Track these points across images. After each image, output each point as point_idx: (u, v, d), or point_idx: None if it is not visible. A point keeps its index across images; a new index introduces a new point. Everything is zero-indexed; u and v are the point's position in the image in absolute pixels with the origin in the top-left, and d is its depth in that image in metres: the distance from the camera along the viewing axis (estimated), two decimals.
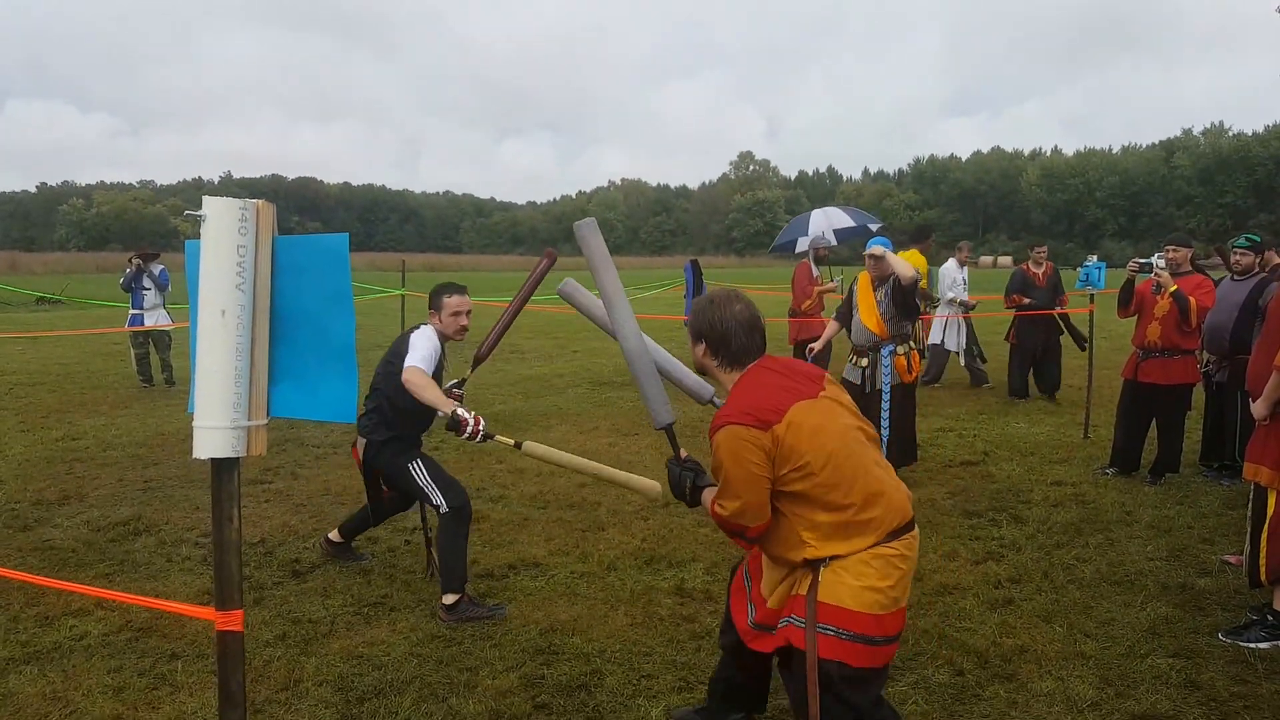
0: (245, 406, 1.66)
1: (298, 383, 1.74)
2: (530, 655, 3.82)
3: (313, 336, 1.71)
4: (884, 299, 6.32)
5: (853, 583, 2.49)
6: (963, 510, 5.85)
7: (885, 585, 2.50)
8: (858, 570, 2.50)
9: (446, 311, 4.37)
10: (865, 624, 2.48)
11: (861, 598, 2.48)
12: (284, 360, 1.74)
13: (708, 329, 2.71)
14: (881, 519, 2.53)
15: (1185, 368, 6.37)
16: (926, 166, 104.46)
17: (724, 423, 2.53)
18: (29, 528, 5.53)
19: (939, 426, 8.57)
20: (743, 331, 2.68)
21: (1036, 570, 4.75)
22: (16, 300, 26.33)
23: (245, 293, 1.63)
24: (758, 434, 2.48)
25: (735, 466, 2.50)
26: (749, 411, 2.51)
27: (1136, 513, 5.76)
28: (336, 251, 1.68)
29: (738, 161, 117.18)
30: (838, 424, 2.59)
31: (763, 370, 2.67)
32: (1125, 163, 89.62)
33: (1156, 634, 3.97)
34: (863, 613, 2.48)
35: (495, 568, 4.85)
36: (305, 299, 1.71)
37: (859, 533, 2.51)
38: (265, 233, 1.66)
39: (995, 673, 3.62)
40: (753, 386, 2.62)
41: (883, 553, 2.51)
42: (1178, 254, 6.45)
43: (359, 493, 6.29)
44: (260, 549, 5.17)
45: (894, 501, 2.57)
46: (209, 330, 1.61)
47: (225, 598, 1.78)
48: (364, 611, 4.30)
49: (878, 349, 6.37)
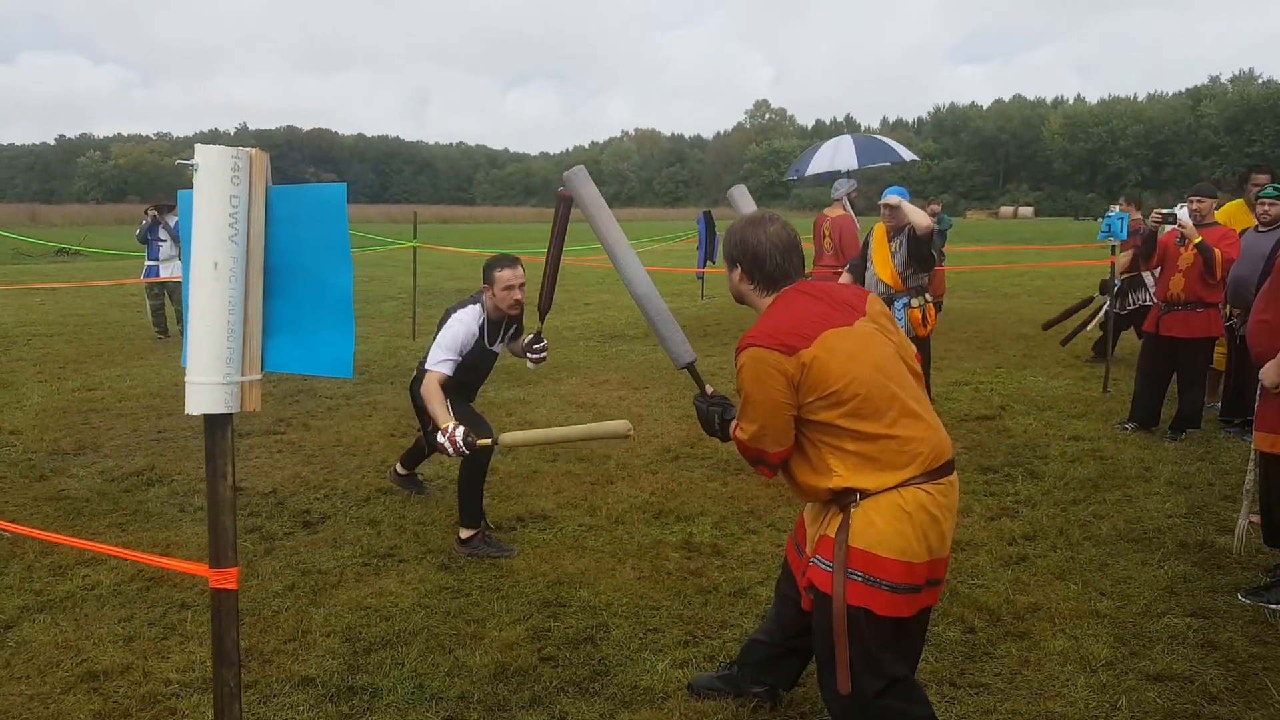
0: (238, 361, 1.61)
1: (293, 336, 1.68)
2: (537, 608, 3.81)
3: (309, 289, 1.65)
4: (899, 250, 6.19)
5: (883, 526, 2.39)
6: (978, 465, 5.79)
7: (917, 532, 2.39)
8: (890, 512, 2.40)
9: (499, 286, 4.37)
10: (894, 571, 2.39)
11: (892, 543, 2.38)
12: (279, 314, 1.68)
13: (742, 252, 2.60)
14: (915, 454, 2.42)
15: (1208, 321, 6.23)
16: (946, 115, 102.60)
17: (749, 344, 2.46)
18: (45, 477, 5.56)
19: (955, 380, 8.47)
20: (779, 253, 2.56)
21: (1052, 527, 4.69)
22: (36, 251, 26.40)
23: (238, 244, 1.57)
24: (782, 359, 2.40)
25: (757, 390, 2.43)
26: (776, 335, 2.43)
27: (1156, 469, 5.68)
28: (333, 202, 1.60)
29: (753, 110, 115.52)
30: (873, 352, 2.47)
31: (797, 294, 2.56)
32: (1150, 111, 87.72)
33: (1174, 593, 3.91)
34: (892, 559, 2.39)
35: (503, 520, 4.83)
36: (301, 251, 1.64)
37: (890, 466, 2.41)
38: (259, 183, 1.59)
39: (1007, 630, 3.58)
40: (784, 310, 2.52)
41: (917, 495, 2.40)
42: (1202, 204, 6.27)
43: (370, 444, 6.30)
44: (272, 499, 5.17)
45: (931, 439, 2.46)
46: (201, 283, 1.55)
47: (219, 555, 1.74)
48: (373, 563, 4.30)
49: (891, 301, 6.26)
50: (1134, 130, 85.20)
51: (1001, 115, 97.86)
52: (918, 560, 2.41)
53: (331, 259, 1.62)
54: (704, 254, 14.90)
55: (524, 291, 4.44)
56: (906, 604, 2.45)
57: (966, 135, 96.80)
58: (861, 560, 2.40)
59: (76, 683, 3.22)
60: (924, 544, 2.41)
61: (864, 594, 2.41)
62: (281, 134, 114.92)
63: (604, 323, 12.74)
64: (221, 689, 1.79)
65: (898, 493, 2.40)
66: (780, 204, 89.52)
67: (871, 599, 2.41)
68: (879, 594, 2.40)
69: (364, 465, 5.81)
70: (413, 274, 12.09)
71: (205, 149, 1.52)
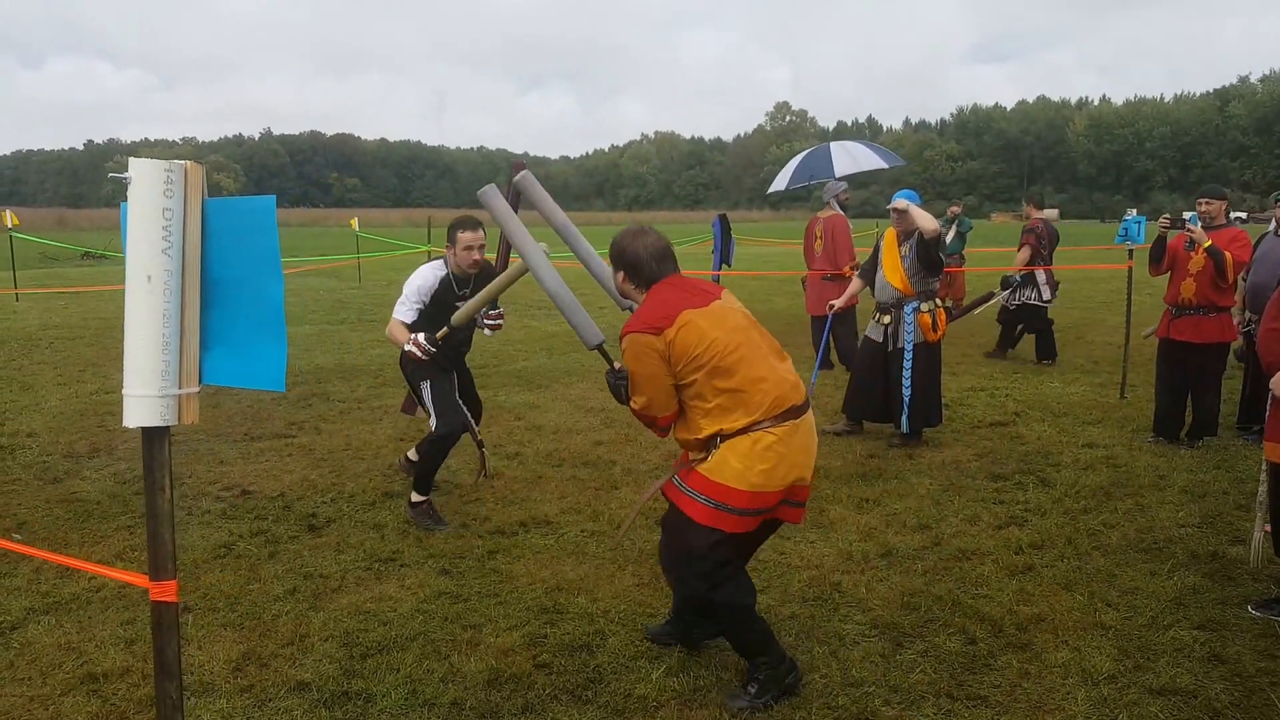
0: (175, 374, 1.61)
1: (230, 349, 1.68)
2: (535, 614, 3.80)
3: (245, 301, 1.65)
4: (909, 254, 6.15)
5: (735, 464, 2.97)
6: (989, 473, 5.73)
7: (764, 467, 2.96)
8: (742, 451, 2.97)
9: (460, 246, 4.74)
10: (740, 498, 2.98)
11: (742, 477, 2.96)
12: (217, 326, 1.68)
13: (623, 259, 3.16)
14: (760, 403, 2.98)
15: (1220, 325, 6.12)
16: (969, 116, 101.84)
17: (628, 331, 3.03)
18: (58, 480, 5.62)
19: (970, 385, 8.40)
20: (654, 260, 3.13)
21: (1060, 536, 4.63)
22: (63, 255, 26.78)
23: (172, 257, 1.57)
24: (652, 339, 2.96)
25: (638, 367, 3.02)
26: (646, 321, 2.99)
27: (1170, 477, 5.60)
28: (264, 213, 1.60)
29: (773, 112, 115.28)
30: (726, 323, 3.03)
31: (663, 287, 3.11)
32: (1177, 112, 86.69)
33: (1182, 604, 3.85)
34: (740, 489, 2.97)
35: (506, 525, 4.84)
36: (237, 263, 1.65)
37: (740, 407, 2.97)
38: (194, 195, 1.59)
39: (1009, 642, 3.53)
40: (652, 301, 3.08)
41: (764, 437, 2.97)
42: (1211, 206, 6.16)
43: (379, 447, 6.32)
44: (279, 503, 5.20)
45: (774, 391, 3.01)
46: (135, 296, 1.56)
47: (158, 567, 1.75)
48: (375, 567, 4.31)
49: (901, 306, 6.22)
50: (1160, 131, 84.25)
51: (1025, 116, 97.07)
52: (767, 490, 2.99)
53: (264, 271, 1.62)
54: (719, 257, 14.80)
55: (483, 253, 4.80)
56: (756, 522, 3.09)
57: (990, 137, 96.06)
58: (716, 490, 2.99)
59: (77, 685, 3.25)
60: (772, 476, 2.98)
61: (714, 516, 3.00)
62: (305, 139, 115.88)
63: (616, 325, 12.65)
64: (164, 701, 1.79)
65: (748, 435, 2.97)
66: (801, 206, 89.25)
67: (721, 520, 3.00)
68: (728, 517, 3.00)
69: (372, 469, 5.83)
70: None
71: (137, 162, 1.53)
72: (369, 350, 10.59)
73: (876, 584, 4.08)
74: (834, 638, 3.59)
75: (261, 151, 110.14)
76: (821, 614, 3.80)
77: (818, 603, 3.90)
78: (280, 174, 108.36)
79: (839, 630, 3.66)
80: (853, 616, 3.78)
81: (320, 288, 18.38)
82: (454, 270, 4.79)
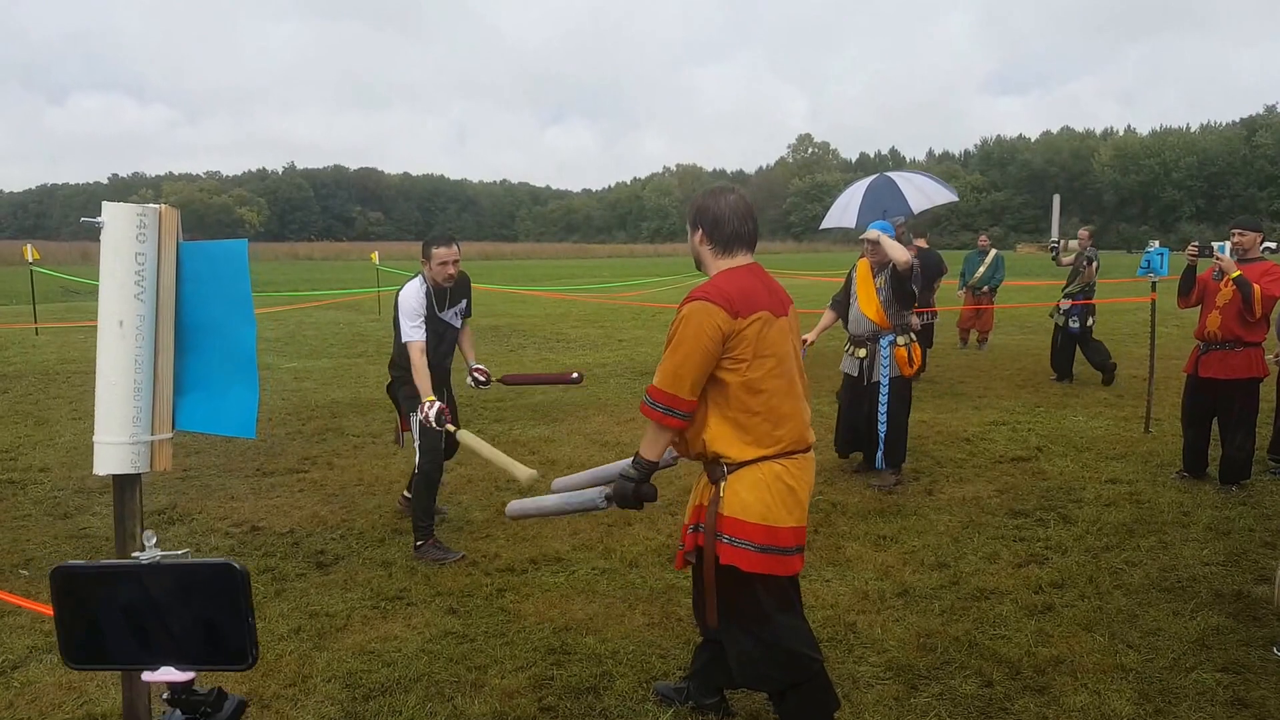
0: (147, 420, 1.58)
1: (203, 394, 1.65)
2: (542, 654, 3.73)
3: (218, 346, 1.63)
4: (884, 287, 6.01)
5: (746, 496, 2.78)
6: (1009, 509, 5.61)
7: (776, 499, 2.78)
8: (751, 483, 2.78)
9: (435, 261, 4.89)
10: (758, 533, 2.76)
11: (755, 510, 2.76)
12: (191, 371, 1.66)
13: (703, 216, 2.89)
14: (780, 439, 2.80)
15: (1248, 361, 5.89)
16: (994, 147, 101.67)
17: (700, 297, 2.73)
18: (68, 515, 5.64)
19: (992, 420, 8.27)
20: (736, 218, 2.86)
21: (1081, 575, 4.51)
22: (85, 289, 27.13)
23: (145, 302, 1.55)
24: (725, 317, 2.69)
25: (693, 336, 2.70)
26: (726, 296, 2.72)
27: (1195, 514, 5.46)
28: (236, 257, 1.58)
29: (796, 145, 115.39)
30: (785, 346, 2.84)
31: (751, 272, 2.85)
32: (1203, 142, 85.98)
33: (1205, 646, 3.72)
34: (754, 523, 2.76)
35: (517, 562, 4.78)
36: (210, 307, 1.62)
37: (756, 443, 2.79)
38: (169, 239, 1.57)
39: (1027, 684, 3.42)
40: (738, 279, 2.80)
41: (773, 468, 2.79)
42: (1245, 238, 5.99)
43: (391, 483, 6.30)
44: (288, 539, 5.18)
45: (797, 429, 2.85)
46: (107, 341, 1.54)
47: None
48: (381, 605, 4.26)
49: (877, 339, 6.09)
50: (1187, 162, 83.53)
51: (1050, 147, 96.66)
52: (781, 525, 2.78)
53: (236, 315, 1.59)
54: None
55: (457, 267, 4.95)
56: (776, 564, 2.80)
57: (1014, 168, 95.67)
58: (730, 525, 2.78)
59: None
60: (783, 509, 2.78)
61: (732, 554, 2.78)
62: (329, 172, 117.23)
63: (635, 359, 12.70)
64: None
65: (756, 466, 2.79)
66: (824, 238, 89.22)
67: (738, 558, 2.77)
68: (747, 554, 2.77)
69: (383, 505, 5.80)
70: None
71: (111, 206, 1.51)
72: (386, 384, 10.59)
73: (892, 624, 3.99)
74: (848, 680, 3.50)
75: (285, 185, 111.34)
76: (836, 655, 3.70)
77: (832, 643, 3.81)
78: (304, 207, 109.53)
79: (853, 672, 3.56)
80: (867, 658, 3.69)
81: (340, 320, 18.51)
82: (431, 284, 4.96)
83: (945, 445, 7.27)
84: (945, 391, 9.72)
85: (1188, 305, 6.26)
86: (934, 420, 8.20)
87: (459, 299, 5.16)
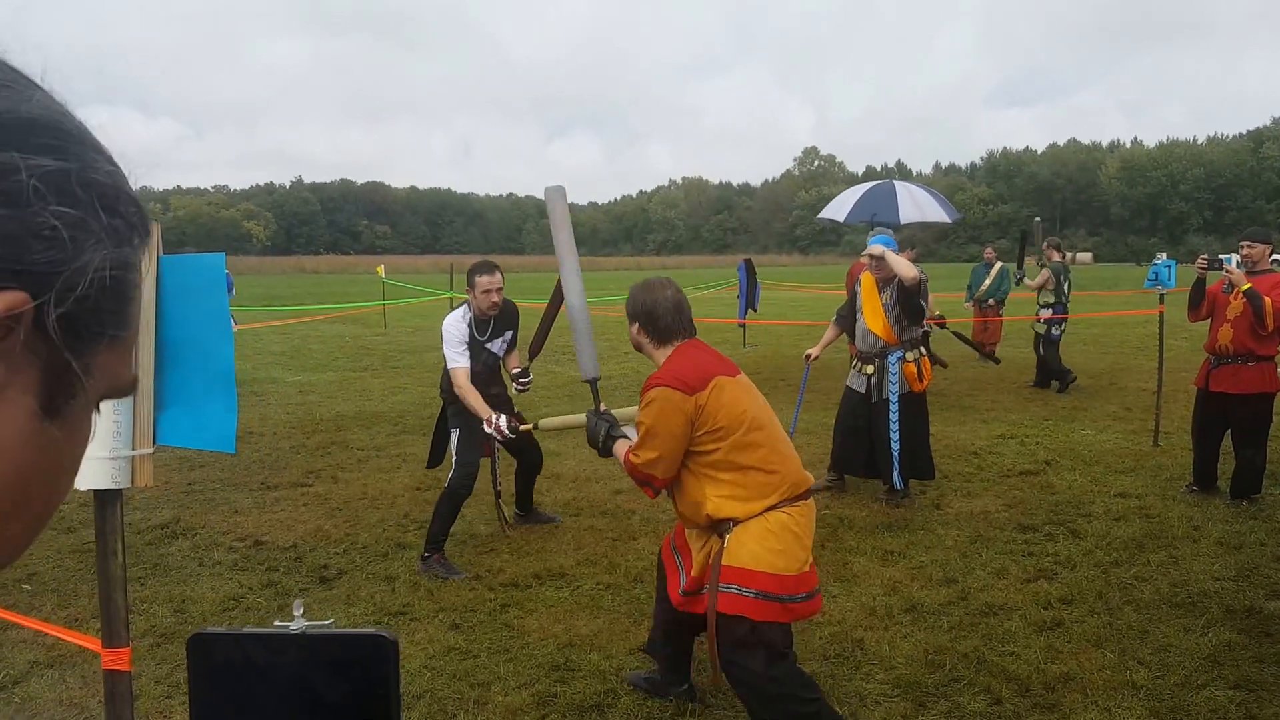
0: (128, 435, 1.56)
1: (184, 409, 1.63)
2: (546, 671, 3.70)
3: (198, 361, 1.61)
4: (890, 301, 5.94)
5: (752, 545, 2.83)
6: (1017, 524, 5.56)
7: (781, 547, 2.83)
8: (757, 533, 2.84)
9: (479, 290, 4.91)
10: (764, 581, 2.80)
11: (760, 558, 2.81)
12: (171, 386, 1.63)
13: (639, 309, 3.11)
14: (777, 486, 2.88)
15: (1261, 375, 5.82)
16: (1000, 160, 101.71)
17: (657, 384, 2.91)
18: (73, 529, 5.62)
19: (1000, 433, 8.22)
20: (670, 313, 3.07)
21: (1091, 590, 4.47)
22: None
23: None
24: (684, 398, 2.85)
25: (660, 423, 2.87)
26: (680, 378, 2.89)
27: (1205, 528, 5.40)
28: (212, 271, 1.56)
29: (802, 157, 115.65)
30: (752, 399, 2.98)
31: (693, 347, 3.07)
32: (1210, 154, 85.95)
33: (1217, 662, 3.68)
34: (761, 571, 2.80)
35: (521, 577, 4.75)
36: (189, 322, 1.60)
37: (756, 496, 2.87)
38: (150, 253, 1.55)
39: (1036, 702, 3.38)
40: (684, 358, 3.01)
41: (779, 517, 2.86)
42: (1254, 250, 5.92)
43: (395, 497, 6.28)
44: (291, 554, 5.15)
45: (791, 475, 2.93)
46: None
47: (112, 634, 1.68)
48: (384, 621, 4.24)
49: (885, 355, 6.00)
50: (1194, 174, 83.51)
51: (1056, 160, 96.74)
52: (787, 573, 2.82)
53: (214, 329, 1.57)
54: (745, 303, 14.75)
55: (501, 295, 4.94)
56: (781, 611, 2.83)
57: (1021, 180, 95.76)
58: (735, 575, 2.83)
59: None
60: (788, 557, 2.83)
61: (739, 603, 2.82)
62: (336, 186, 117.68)
63: (641, 373, 12.65)
64: None
65: (762, 517, 2.86)
66: (830, 250, 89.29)
67: (748, 608, 2.80)
68: (755, 603, 2.80)
69: (386, 519, 5.78)
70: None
71: None
72: (390, 397, 10.60)
73: (900, 640, 3.94)
74: (855, 698, 3.46)
75: (292, 199, 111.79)
76: (843, 672, 3.67)
77: (839, 660, 3.77)
78: (311, 221, 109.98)
79: (860, 690, 3.52)
80: (875, 675, 3.65)
81: (345, 334, 18.54)
82: (475, 314, 4.96)
83: (953, 459, 7.23)
84: (952, 404, 9.67)
85: (1198, 319, 6.21)
86: (941, 433, 8.15)
87: (504, 329, 5.11)
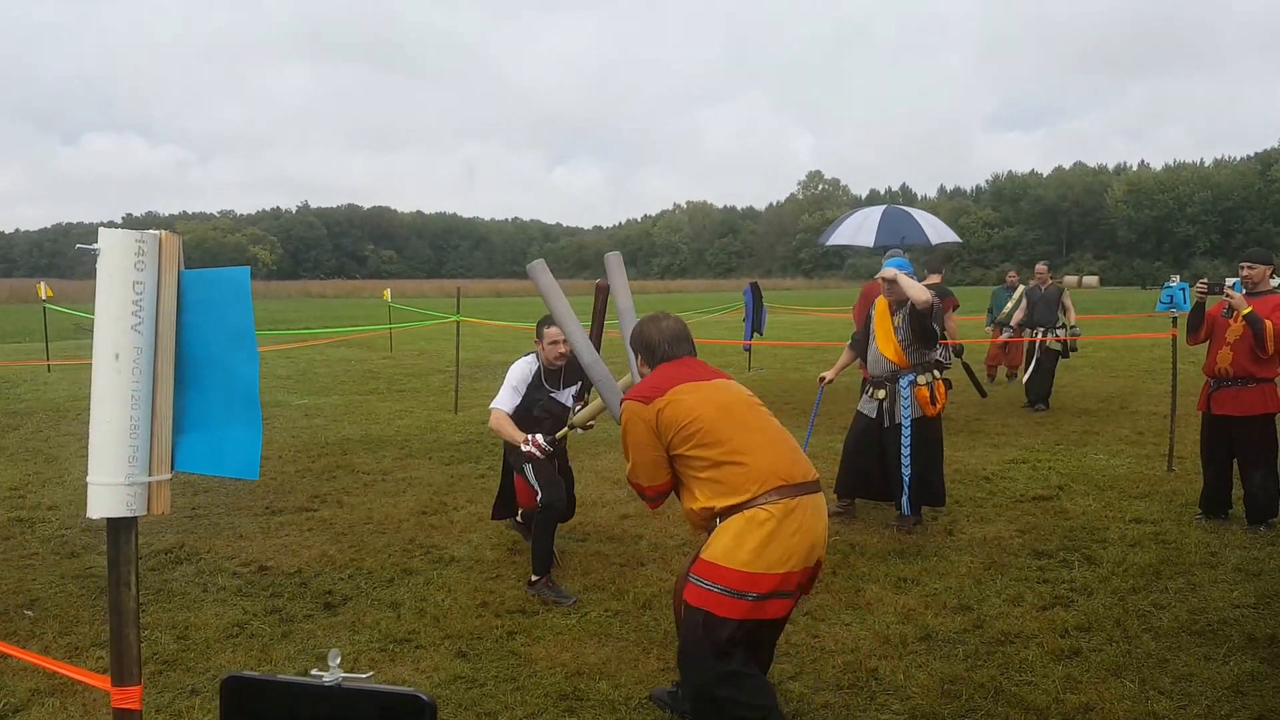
0: (144, 461, 1.50)
1: (204, 433, 1.57)
2: (553, 701, 3.63)
3: (220, 381, 1.54)
4: (902, 325, 5.88)
5: (726, 540, 2.91)
6: (1031, 550, 5.48)
7: (753, 544, 2.86)
8: (734, 529, 2.91)
9: (547, 341, 5.03)
10: (732, 578, 2.87)
11: (732, 555, 2.87)
12: (191, 408, 1.57)
13: (639, 342, 3.33)
14: (751, 479, 2.94)
15: (1263, 396, 5.74)
16: (1005, 183, 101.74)
17: (624, 400, 3.20)
18: (75, 554, 5.57)
19: (1011, 458, 8.14)
20: (666, 342, 3.26)
21: (1109, 618, 4.38)
22: None
23: (142, 334, 1.47)
24: (641, 408, 3.09)
25: (629, 434, 3.15)
26: (640, 391, 3.15)
27: (1222, 554, 5.31)
28: (238, 285, 1.51)
29: (806, 181, 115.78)
30: (722, 397, 3.12)
31: (672, 365, 3.22)
32: (1217, 177, 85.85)
33: (1240, 692, 3.59)
34: (730, 567, 2.87)
35: (528, 603, 4.67)
36: (212, 339, 1.54)
37: (733, 489, 2.94)
38: (169, 267, 1.50)
39: None
40: (656, 374, 3.21)
41: (757, 514, 2.90)
42: (1254, 271, 5.84)
43: (400, 521, 6.22)
44: (296, 579, 5.09)
45: (765, 466, 2.97)
46: (102, 375, 1.46)
47: (123, 672, 1.61)
48: (389, 648, 4.16)
49: (896, 379, 5.93)
50: (1201, 197, 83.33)
51: (1062, 183, 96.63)
52: (757, 571, 2.86)
53: (237, 348, 1.52)
54: (750, 326, 14.72)
55: (568, 346, 4.84)
56: (749, 609, 2.89)
57: (1027, 203, 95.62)
58: (707, 569, 2.92)
59: None
60: (762, 555, 2.86)
61: (704, 597, 2.91)
62: (342, 211, 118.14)
63: None
64: None
65: (742, 513, 2.92)
66: (834, 274, 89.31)
67: (711, 602, 2.89)
68: (719, 598, 2.88)
69: (392, 544, 5.71)
70: (456, 348, 12.15)
71: (108, 232, 1.44)
72: (396, 421, 10.55)
73: (915, 670, 3.86)
74: None
75: (299, 224, 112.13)
76: (857, 703, 3.59)
77: (853, 690, 3.69)
78: (317, 246, 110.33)
79: None
80: (890, 705, 3.56)
81: (351, 358, 18.52)
82: (544, 364, 5.07)
83: (965, 484, 7.15)
84: (963, 429, 9.59)
85: (1196, 342, 6.16)
86: (952, 458, 8.06)
87: (574, 380, 5.13)
